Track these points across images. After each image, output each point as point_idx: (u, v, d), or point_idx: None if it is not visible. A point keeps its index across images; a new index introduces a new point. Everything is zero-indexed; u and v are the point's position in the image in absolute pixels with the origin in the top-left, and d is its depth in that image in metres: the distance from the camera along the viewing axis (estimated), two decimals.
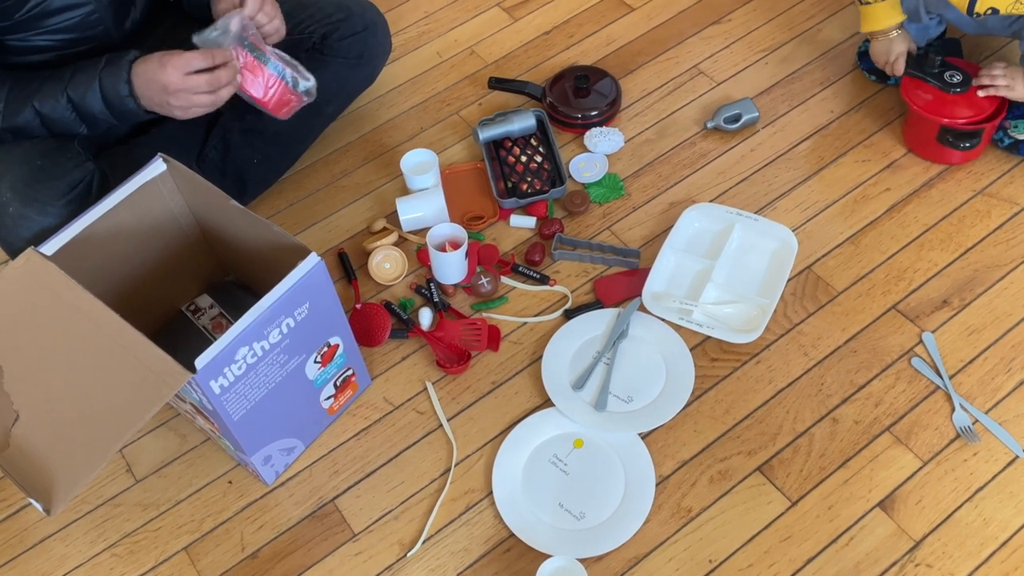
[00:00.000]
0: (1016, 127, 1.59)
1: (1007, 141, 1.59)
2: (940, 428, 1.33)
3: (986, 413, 1.33)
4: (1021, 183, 1.58)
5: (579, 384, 1.39)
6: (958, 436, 1.32)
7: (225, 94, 1.30)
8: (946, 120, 1.53)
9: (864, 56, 1.76)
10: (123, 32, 1.41)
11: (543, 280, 1.52)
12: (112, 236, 1.25)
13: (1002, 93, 1.52)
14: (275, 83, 1.34)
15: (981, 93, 1.53)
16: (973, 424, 1.32)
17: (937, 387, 1.37)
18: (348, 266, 1.56)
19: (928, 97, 1.56)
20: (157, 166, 1.25)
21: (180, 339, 1.40)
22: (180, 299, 1.45)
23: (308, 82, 1.38)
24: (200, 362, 1.05)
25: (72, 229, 1.20)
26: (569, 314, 1.48)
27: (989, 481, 1.28)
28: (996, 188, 1.58)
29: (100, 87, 1.27)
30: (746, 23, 1.89)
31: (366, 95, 1.80)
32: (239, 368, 1.11)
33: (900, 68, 1.59)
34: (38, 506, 1.04)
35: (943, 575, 1.20)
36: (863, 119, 1.70)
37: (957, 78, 1.55)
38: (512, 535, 1.26)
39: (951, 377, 1.37)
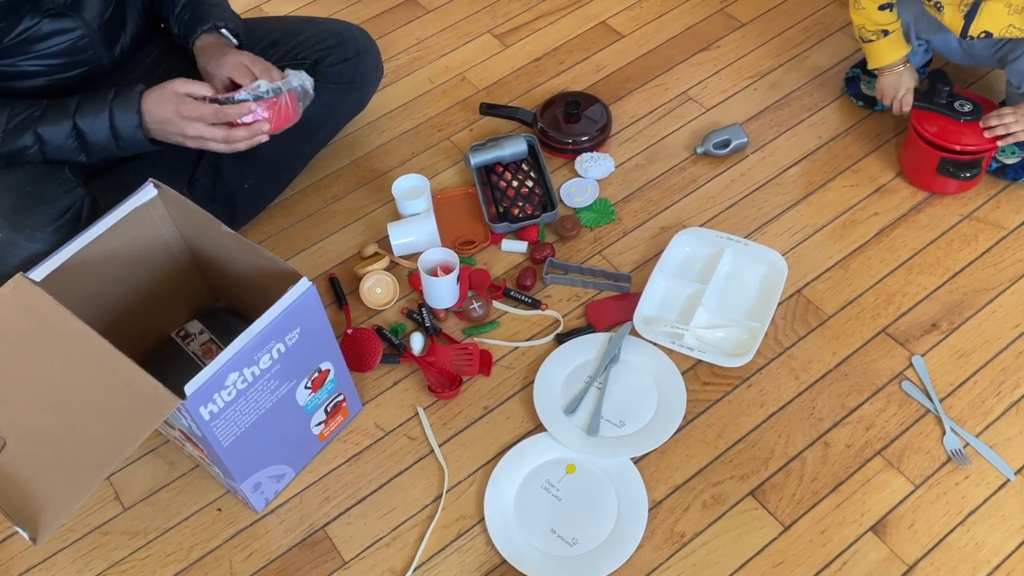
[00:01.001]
0: (1003, 151, 1.60)
1: (994, 165, 1.61)
2: (931, 451, 1.33)
3: (977, 436, 1.34)
4: (1008, 207, 1.60)
5: (571, 409, 1.38)
6: (949, 459, 1.32)
7: (242, 147, 1.35)
8: (958, 147, 1.53)
9: (851, 82, 1.78)
10: (113, 57, 1.42)
11: (534, 305, 1.52)
12: (102, 262, 1.24)
13: (1020, 138, 1.50)
14: (292, 100, 1.38)
15: (987, 134, 1.52)
16: (964, 447, 1.33)
17: (928, 410, 1.37)
18: (339, 291, 1.56)
19: (937, 128, 1.55)
20: (148, 191, 1.25)
21: (170, 365, 1.39)
22: (170, 325, 1.44)
23: (307, 82, 1.41)
24: (189, 388, 1.05)
25: (62, 255, 1.19)
26: (561, 338, 1.48)
27: (981, 505, 1.28)
28: (983, 212, 1.59)
29: (110, 117, 1.29)
30: (735, 50, 1.91)
31: (358, 120, 1.81)
32: (229, 394, 1.11)
33: (908, 103, 1.60)
34: (24, 534, 1.02)
35: None
36: (851, 144, 1.72)
37: (968, 107, 1.55)
38: (504, 562, 1.25)
39: (941, 400, 1.38)
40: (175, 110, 1.29)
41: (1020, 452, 1.32)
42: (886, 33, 1.57)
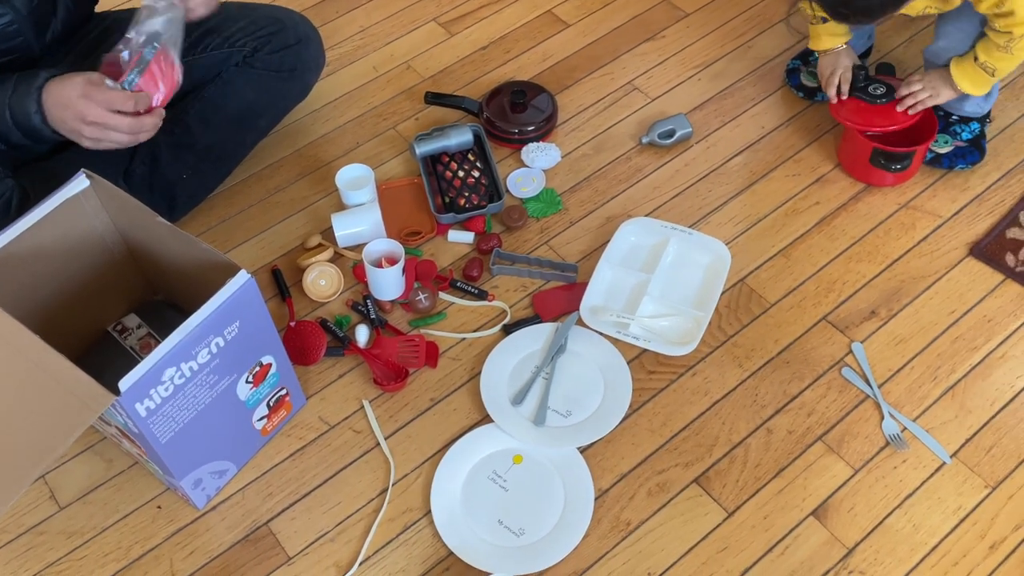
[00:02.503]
0: (936, 142, 1.64)
1: (930, 155, 1.64)
2: (870, 436, 1.35)
3: (914, 421, 1.37)
4: (944, 196, 1.63)
5: (518, 399, 1.38)
6: (887, 444, 1.35)
7: (144, 138, 1.28)
8: (877, 129, 1.57)
9: (792, 73, 1.80)
10: (44, 43, 1.37)
11: (481, 295, 1.52)
12: (33, 255, 1.20)
13: (929, 103, 1.56)
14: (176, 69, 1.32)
15: (900, 107, 1.57)
16: (902, 432, 1.36)
17: (867, 396, 1.40)
18: (282, 283, 1.53)
19: (855, 114, 1.60)
20: (80, 182, 1.21)
21: (107, 361, 1.35)
22: (107, 319, 1.41)
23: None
24: (124, 384, 1.02)
25: None
26: (508, 329, 1.48)
27: (918, 488, 1.31)
28: (920, 201, 1.63)
29: (10, 113, 1.24)
30: (679, 40, 1.92)
31: (301, 109, 1.78)
32: (166, 390, 1.08)
33: (847, 81, 1.60)
34: None
35: None
36: (792, 135, 1.74)
37: (880, 90, 1.59)
38: (451, 554, 1.25)
39: (880, 386, 1.40)
40: (80, 92, 1.21)
41: (956, 436, 1.35)
42: (824, 20, 1.59)
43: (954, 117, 1.66)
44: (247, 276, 1.11)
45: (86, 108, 1.21)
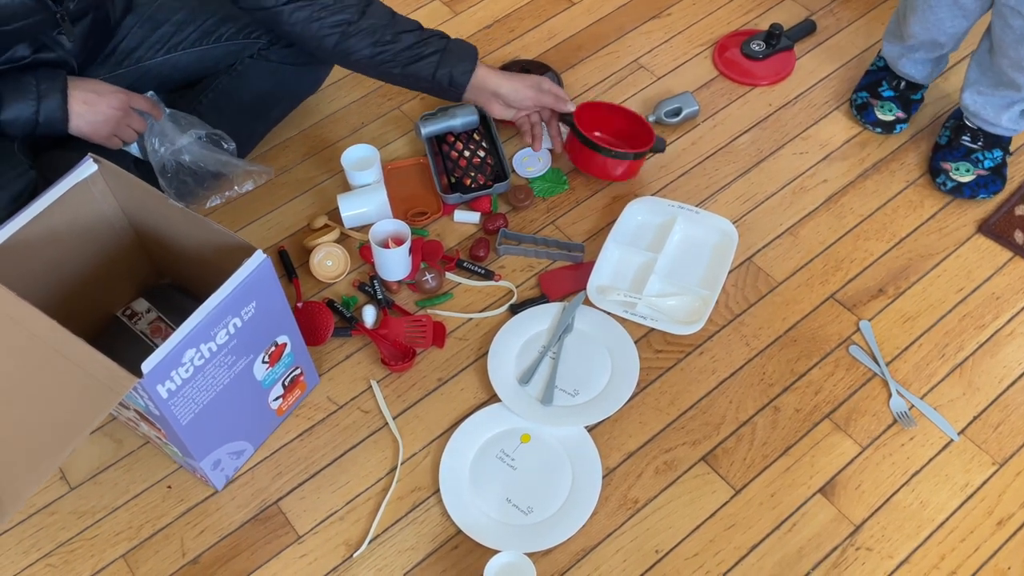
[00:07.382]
0: (957, 170, 1.58)
1: (949, 184, 1.58)
2: (878, 414, 1.36)
3: (922, 398, 1.37)
4: None
5: (525, 379, 1.39)
6: (895, 421, 1.35)
7: (128, 135, 1.42)
8: None
9: (864, 110, 1.68)
10: (62, 6, 1.36)
11: (488, 275, 1.52)
12: (43, 241, 1.20)
13: None
14: None
15: None
16: (909, 409, 1.36)
17: (874, 374, 1.40)
18: (289, 264, 1.54)
19: None
20: (87, 166, 1.21)
21: (117, 345, 1.35)
22: (115, 304, 1.41)
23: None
24: (147, 366, 1.02)
25: (0, 235, 1.15)
26: (514, 309, 1.48)
27: (925, 465, 1.31)
28: (929, 179, 1.62)
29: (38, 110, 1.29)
30: (685, 17, 1.90)
31: None
32: (186, 371, 1.09)
33: None
34: None
35: (883, 558, 1.23)
36: (799, 113, 1.73)
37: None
38: (460, 532, 1.26)
39: (888, 364, 1.40)
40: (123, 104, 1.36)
41: (963, 413, 1.35)
42: None
43: (978, 143, 1.57)
44: (263, 256, 1.12)
45: (127, 98, 1.37)
